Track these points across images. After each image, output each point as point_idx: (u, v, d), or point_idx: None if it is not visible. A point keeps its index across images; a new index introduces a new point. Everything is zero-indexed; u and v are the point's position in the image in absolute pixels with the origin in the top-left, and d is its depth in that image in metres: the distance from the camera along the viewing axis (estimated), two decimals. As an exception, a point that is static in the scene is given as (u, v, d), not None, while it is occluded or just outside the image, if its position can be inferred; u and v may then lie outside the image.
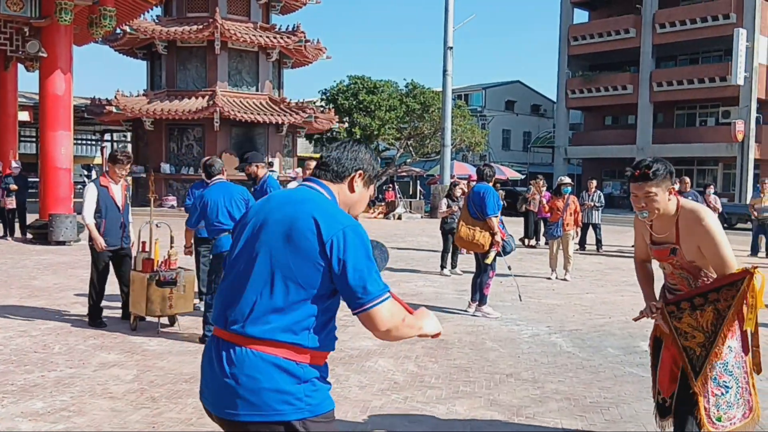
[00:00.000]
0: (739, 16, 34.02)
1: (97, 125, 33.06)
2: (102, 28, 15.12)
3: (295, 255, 2.03)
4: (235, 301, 2.09)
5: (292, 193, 2.23)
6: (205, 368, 2.15)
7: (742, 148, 34.00)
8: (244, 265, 2.11)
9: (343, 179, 2.25)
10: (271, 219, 2.12)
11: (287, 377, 2.03)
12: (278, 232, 2.07)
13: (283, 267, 2.04)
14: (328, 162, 2.25)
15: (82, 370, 5.16)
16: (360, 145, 2.32)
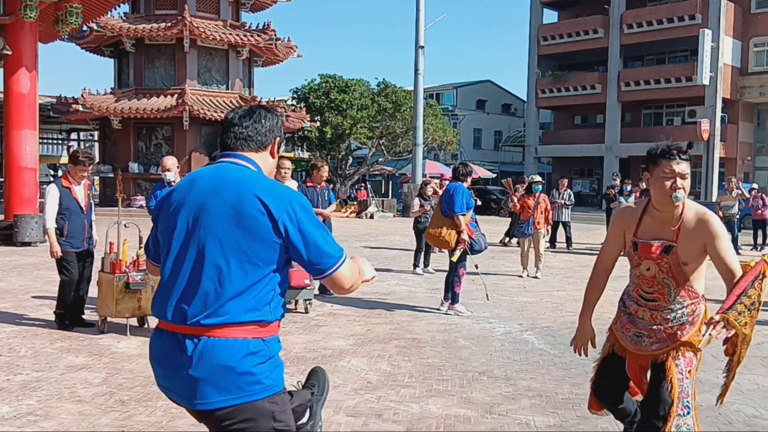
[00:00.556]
0: (704, 17, 34.65)
1: (64, 124, 32.51)
2: (68, 25, 14.86)
3: (248, 238, 2.05)
4: (192, 294, 2.07)
5: (221, 172, 2.20)
6: (161, 359, 2.16)
7: (707, 146, 34.54)
8: (194, 256, 2.09)
9: (266, 148, 2.30)
10: (211, 205, 2.10)
11: (255, 358, 2.07)
12: (224, 218, 2.07)
13: (237, 252, 2.05)
14: (249, 133, 2.26)
15: (49, 374, 5.06)
16: (270, 112, 2.34)
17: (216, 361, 2.03)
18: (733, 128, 36.69)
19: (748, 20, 36.25)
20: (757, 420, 4.38)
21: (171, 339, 2.11)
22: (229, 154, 2.27)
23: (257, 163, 2.26)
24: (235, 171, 2.19)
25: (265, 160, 2.31)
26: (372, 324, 7.03)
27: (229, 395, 2.04)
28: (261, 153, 2.29)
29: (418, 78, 26.12)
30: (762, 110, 38.18)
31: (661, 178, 3.01)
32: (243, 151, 2.26)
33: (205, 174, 2.23)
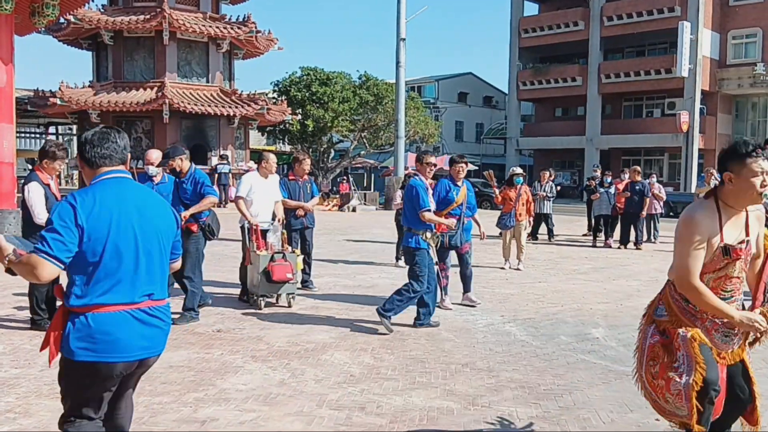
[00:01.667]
0: (683, 9, 34.91)
1: (41, 118, 32.07)
2: (45, 17, 14.61)
3: (170, 238, 2.97)
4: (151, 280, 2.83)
5: (140, 188, 2.98)
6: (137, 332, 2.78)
7: (687, 138, 34.95)
8: (146, 254, 2.80)
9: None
10: (149, 213, 2.85)
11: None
12: (158, 225, 2.88)
13: (166, 248, 2.93)
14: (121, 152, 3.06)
15: (28, 371, 5.00)
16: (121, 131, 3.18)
17: (168, 321, 2.97)
18: (712, 120, 37.06)
19: (727, 12, 36.58)
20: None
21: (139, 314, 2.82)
22: (122, 171, 3.00)
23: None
24: (140, 187, 3.06)
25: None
26: (355, 317, 7.03)
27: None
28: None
29: (400, 71, 26.07)
30: (740, 102, 38.60)
31: (748, 176, 2.95)
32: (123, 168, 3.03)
33: (133, 189, 2.96)
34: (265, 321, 6.79)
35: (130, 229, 2.74)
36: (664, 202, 15.96)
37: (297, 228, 8.31)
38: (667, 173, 38.10)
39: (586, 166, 37.18)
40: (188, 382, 4.78)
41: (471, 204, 7.71)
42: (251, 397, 4.48)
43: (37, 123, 37.31)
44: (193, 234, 6.71)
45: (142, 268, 2.76)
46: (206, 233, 6.85)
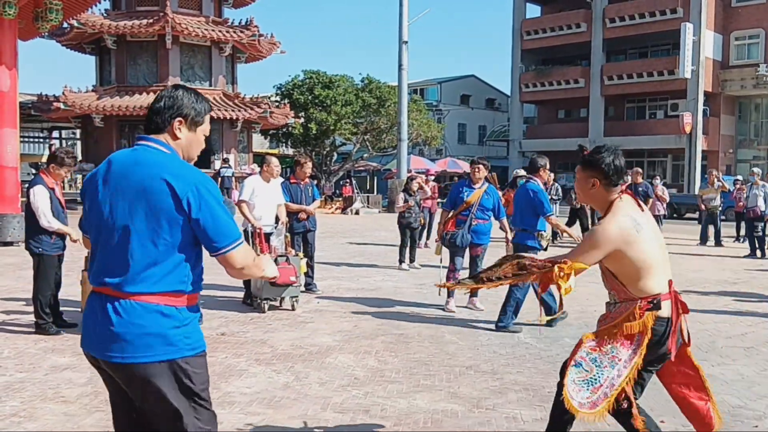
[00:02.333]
0: (686, 10, 34.88)
1: (45, 122, 32.17)
2: (48, 22, 14.69)
3: (157, 215, 2.24)
4: (115, 265, 2.28)
5: (134, 155, 2.36)
6: (89, 320, 2.37)
7: (689, 139, 34.91)
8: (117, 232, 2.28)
9: (164, 130, 2.40)
10: (124, 186, 2.29)
11: (168, 321, 2.28)
12: (135, 197, 2.26)
13: (148, 228, 2.25)
14: (150, 115, 2.41)
15: (33, 374, 5.01)
16: (177, 90, 2.43)
17: (133, 321, 2.25)
18: (715, 121, 37.00)
19: (729, 14, 36.54)
20: (742, 410, 4.42)
21: (98, 298, 2.33)
22: (143, 137, 2.42)
23: (166, 144, 2.40)
24: (145, 153, 2.35)
25: (169, 140, 2.41)
26: (358, 320, 7.03)
27: (141, 353, 2.25)
28: (163, 134, 2.41)
29: (402, 73, 26.08)
30: (743, 103, 38.54)
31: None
32: (152, 134, 2.41)
33: (123, 157, 2.39)
34: (268, 324, 6.79)
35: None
36: (668, 203, 15.96)
37: (299, 231, 8.32)
38: (670, 175, 38.04)
39: (589, 168, 37.06)
40: (192, 385, 4.78)
41: (488, 207, 7.59)
42: (255, 400, 4.48)
43: (41, 127, 37.43)
44: None
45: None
46: None
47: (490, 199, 7.59)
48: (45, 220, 6.12)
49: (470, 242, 7.53)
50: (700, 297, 8.76)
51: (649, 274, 3.10)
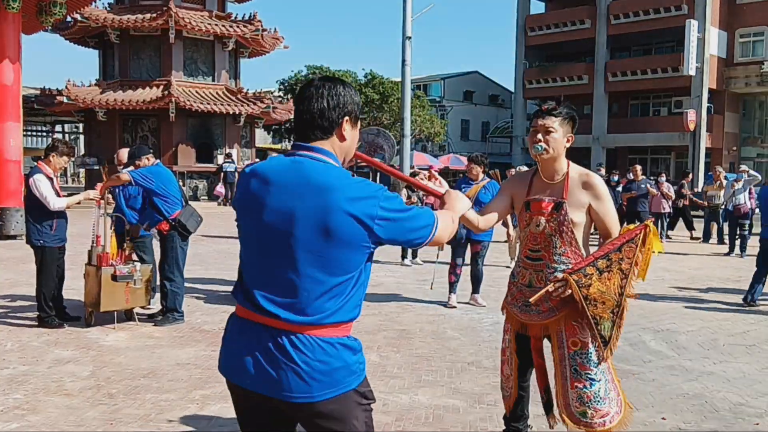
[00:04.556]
0: (690, 7, 34.74)
1: (48, 116, 32.21)
2: (52, 16, 14.69)
3: (339, 247, 1.98)
4: (282, 292, 2.01)
5: (303, 173, 2.01)
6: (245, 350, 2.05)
7: (693, 137, 34.80)
8: (281, 256, 2.00)
9: (332, 132, 2.08)
10: (299, 210, 1.97)
11: (348, 352, 2.07)
12: (312, 226, 1.96)
13: (326, 258, 1.98)
14: (311, 118, 2.06)
15: (36, 367, 5.02)
16: (335, 84, 2.09)
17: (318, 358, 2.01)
18: (719, 118, 36.89)
19: (734, 11, 36.39)
20: (743, 407, 4.42)
21: (265, 331, 2.03)
22: (302, 145, 2.08)
23: (330, 153, 2.08)
24: (314, 169, 2.01)
25: (336, 144, 2.10)
26: (360, 316, 7.02)
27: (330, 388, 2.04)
28: (329, 138, 2.08)
29: (406, 69, 25.92)
30: (748, 100, 38.42)
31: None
32: (313, 141, 2.07)
33: (287, 171, 2.03)
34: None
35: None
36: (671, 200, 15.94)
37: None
38: (674, 172, 37.90)
39: (592, 165, 37.02)
40: (195, 379, 4.80)
41: (485, 202, 7.48)
42: (257, 394, 4.49)
43: (44, 121, 37.47)
44: (166, 233, 6.48)
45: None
46: (179, 231, 6.48)
47: (488, 195, 7.49)
48: (54, 202, 6.12)
49: (468, 238, 7.52)
50: (702, 294, 8.76)
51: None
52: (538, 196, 3.25)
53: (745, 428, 4.08)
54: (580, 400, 3.07)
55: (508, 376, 3.52)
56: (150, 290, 6.58)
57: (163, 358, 5.32)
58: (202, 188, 25.83)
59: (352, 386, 2.07)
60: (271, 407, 2.08)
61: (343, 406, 2.06)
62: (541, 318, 3.17)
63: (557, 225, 3.16)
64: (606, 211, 3.16)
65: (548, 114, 3.17)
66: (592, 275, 2.96)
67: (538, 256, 3.22)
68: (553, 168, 3.25)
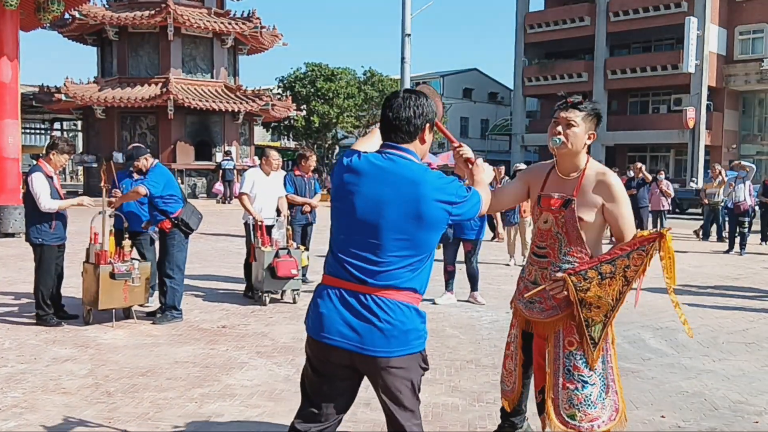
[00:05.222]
0: (690, 4, 34.73)
1: (46, 114, 32.18)
2: (50, 13, 14.65)
3: (426, 229, 2.40)
4: (370, 262, 2.39)
5: (396, 168, 2.42)
6: (340, 312, 2.42)
7: (693, 134, 34.81)
8: (372, 234, 2.39)
9: (416, 137, 2.49)
10: (391, 197, 2.38)
11: (419, 318, 2.46)
12: (404, 212, 2.37)
13: (413, 238, 2.39)
14: (400, 125, 2.46)
15: (34, 366, 5.01)
16: (419, 96, 2.49)
17: (398, 318, 2.40)
18: (719, 116, 36.90)
19: (734, 8, 36.38)
20: (743, 405, 4.41)
21: (353, 295, 2.41)
22: (393, 145, 2.48)
23: (414, 153, 2.49)
24: (404, 166, 2.43)
25: (418, 147, 2.51)
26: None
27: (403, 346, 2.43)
28: (413, 142, 2.50)
29: (405, 66, 25.90)
30: (747, 98, 38.42)
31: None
32: (401, 143, 2.48)
33: (383, 164, 2.44)
34: (269, 317, 6.79)
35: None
36: (672, 198, 15.95)
37: (301, 224, 8.34)
38: (673, 170, 37.95)
39: (592, 163, 37.03)
40: (193, 377, 4.78)
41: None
42: (256, 392, 4.48)
43: (42, 119, 37.45)
44: (168, 231, 6.47)
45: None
46: (181, 228, 6.48)
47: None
48: (45, 203, 6.08)
49: (458, 238, 7.58)
50: (702, 292, 8.76)
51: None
52: (550, 192, 3.16)
53: (745, 426, 4.07)
54: (570, 402, 3.00)
55: (511, 371, 3.46)
56: (149, 288, 6.57)
57: (162, 356, 5.31)
58: (200, 186, 25.80)
59: (419, 349, 2.46)
60: (346, 364, 2.44)
61: (410, 365, 2.44)
62: (544, 317, 3.11)
63: (564, 223, 3.08)
64: (620, 214, 3.03)
65: (572, 107, 3.05)
66: (592, 279, 2.90)
67: (544, 254, 3.15)
68: (570, 163, 3.13)
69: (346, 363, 2.44)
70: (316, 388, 2.54)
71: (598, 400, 3.00)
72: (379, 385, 2.45)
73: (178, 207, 6.48)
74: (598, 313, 2.93)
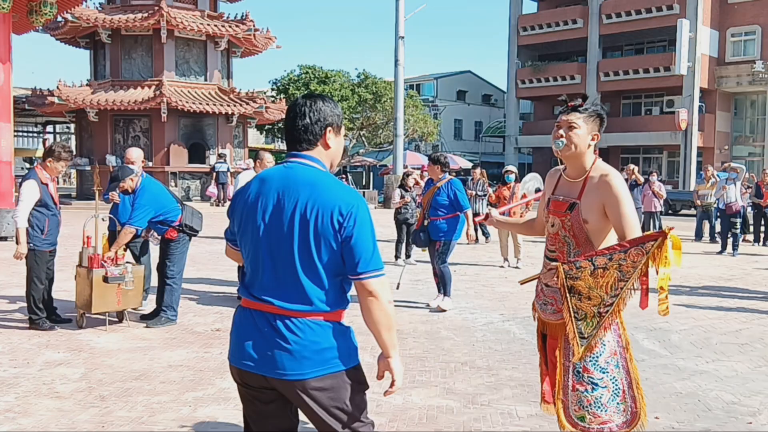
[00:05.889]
0: (682, 6, 34.89)
1: (39, 116, 32.04)
2: (42, 15, 14.60)
3: (323, 239, 2.22)
4: (278, 283, 2.26)
5: (292, 174, 2.31)
6: (248, 336, 2.30)
7: (685, 136, 34.95)
8: (276, 251, 2.26)
9: (317, 143, 2.37)
10: (290, 207, 2.25)
11: (338, 334, 2.33)
12: (302, 219, 2.23)
13: (313, 250, 2.23)
14: (298, 135, 2.36)
15: (27, 370, 4.99)
16: (316, 100, 2.38)
17: (309, 338, 2.26)
18: (711, 117, 37.05)
19: (725, 10, 36.57)
20: (736, 406, 4.42)
21: (261, 316, 2.29)
22: (297, 154, 2.37)
23: (318, 159, 2.37)
24: (305, 173, 2.31)
25: (321, 152, 2.39)
26: (353, 316, 6.97)
27: (319, 366, 2.27)
28: (316, 148, 2.38)
29: (399, 69, 26.02)
30: (739, 99, 38.60)
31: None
32: (304, 151, 2.37)
33: (284, 173, 2.33)
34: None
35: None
36: (664, 200, 16.00)
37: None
38: (666, 171, 38.09)
39: (585, 164, 37.11)
40: (187, 381, 4.77)
41: (441, 202, 7.39)
42: (250, 396, 4.47)
43: (35, 122, 37.29)
44: (174, 239, 6.47)
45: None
46: (187, 233, 6.53)
47: (442, 195, 7.38)
48: (20, 217, 6.03)
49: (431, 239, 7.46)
50: (695, 293, 8.78)
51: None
52: (558, 195, 3.17)
53: (738, 427, 4.08)
54: (579, 403, 2.97)
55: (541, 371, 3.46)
56: (144, 291, 6.54)
57: (155, 360, 5.29)
58: (194, 189, 25.74)
59: (343, 367, 2.31)
60: (266, 386, 2.31)
61: (334, 385, 2.29)
62: (555, 318, 3.10)
63: (571, 226, 3.07)
64: (620, 214, 2.96)
65: (573, 110, 3.06)
66: (584, 269, 2.86)
67: (555, 257, 3.14)
68: (576, 166, 3.11)
69: (265, 385, 2.31)
70: (248, 413, 2.45)
71: (610, 403, 2.95)
72: (303, 409, 2.33)
73: (178, 214, 6.47)
74: (589, 305, 2.88)
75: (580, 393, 2.97)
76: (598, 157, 3.18)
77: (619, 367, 3.00)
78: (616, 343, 3.02)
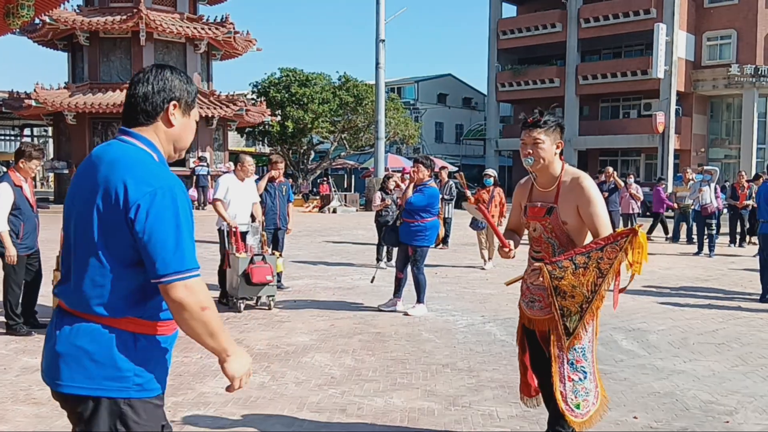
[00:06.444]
0: (659, 11, 35.29)
1: (16, 120, 31.69)
2: (19, 18, 14.40)
3: (108, 225, 1.86)
4: (68, 277, 1.96)
5: (103, 153, 1.97)
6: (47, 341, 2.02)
7: (662, 139, 35.31)
8: (71, 241, 1.96)
9: (156, 117, 2.01)
10: (82, 187, 1.93)
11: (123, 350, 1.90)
12: (89, 202, 1.89)
13: (98, 240, 1.87)
14: (135, 102, 2.00)
15: (4, 376, 4.92)
16: (164, 70, 2.03)
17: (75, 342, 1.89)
18: (687, 120, 37.49)
19: (702, 14, 37.03)
20: (713, 405, 4.48)
21: (57, 314, 2.00)
22: (123, 129, 2.02)
23: (148, 139, 2.00)
24: (117, 149, 1.95)
25: (161, 130, 2.02)
26: (335, 319, 7.01)
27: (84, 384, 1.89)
28: (153, 124, 2.01)
29: (379, 72, 26.06)
30: (715, 102, 39.09)
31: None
32: (133, 127, 2.01)
33: (95, 153, 2.01)
34: (244, 324, 6.75)
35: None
36: (641, 202, 16.17)
37: (270, 229, 8.34)
38: (644, 173, 38.46)
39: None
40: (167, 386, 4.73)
41: (415, 206, 7.22)
42: (230, 400, 4.45)
43: (12, 125, 36.86)
44: None
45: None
46: None
47: (423, 197, 7.23)
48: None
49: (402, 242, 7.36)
50: (673, 294, 8.88)
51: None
52: (534, 202, 3.39)
53: (715, 426, 4.13)
54: (575, 392, 3.21)
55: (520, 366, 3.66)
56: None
57: (135, 364, 5.24)
58: (174, 192, 25.55)
59: (113, 395, 1.88)
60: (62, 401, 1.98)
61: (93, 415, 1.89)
62: (544, 314, 3.27)
63: (552, 229, 3.30)
64: (592, 214, 3.19)
65: (534, 126, 3.27)
66: (566, 269, 3.07)
67: (540, 257, 3.36)
68: (547, 175, 3.34)
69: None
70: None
71: (591, 387, 3.26)
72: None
73: None
74: (573, 303, 3.10)
75: (575, 383, 3.21)
76: (564, 161, 3.41)
77: (591, 352, 3.28)
78: (592, 332, 3.25)
